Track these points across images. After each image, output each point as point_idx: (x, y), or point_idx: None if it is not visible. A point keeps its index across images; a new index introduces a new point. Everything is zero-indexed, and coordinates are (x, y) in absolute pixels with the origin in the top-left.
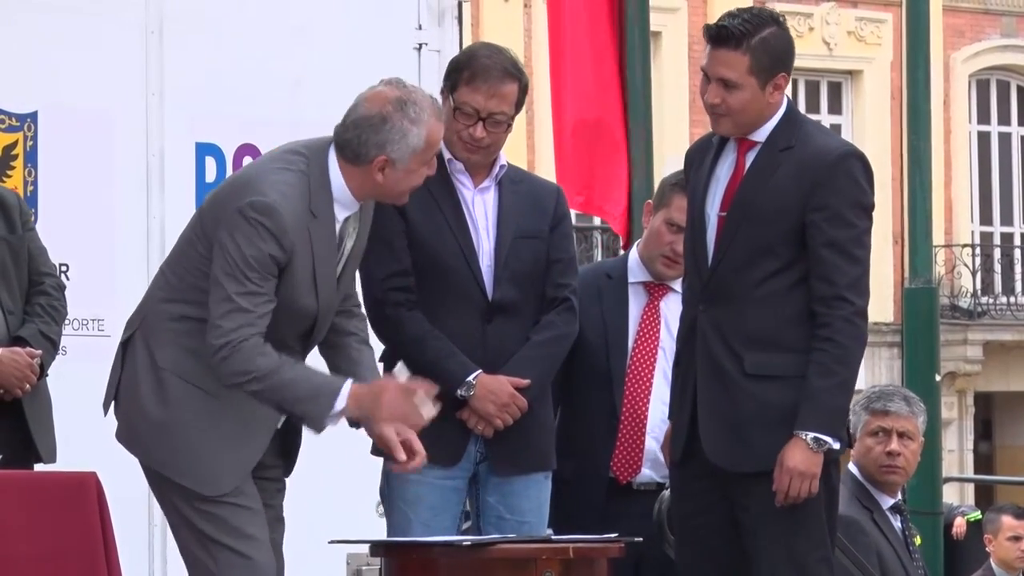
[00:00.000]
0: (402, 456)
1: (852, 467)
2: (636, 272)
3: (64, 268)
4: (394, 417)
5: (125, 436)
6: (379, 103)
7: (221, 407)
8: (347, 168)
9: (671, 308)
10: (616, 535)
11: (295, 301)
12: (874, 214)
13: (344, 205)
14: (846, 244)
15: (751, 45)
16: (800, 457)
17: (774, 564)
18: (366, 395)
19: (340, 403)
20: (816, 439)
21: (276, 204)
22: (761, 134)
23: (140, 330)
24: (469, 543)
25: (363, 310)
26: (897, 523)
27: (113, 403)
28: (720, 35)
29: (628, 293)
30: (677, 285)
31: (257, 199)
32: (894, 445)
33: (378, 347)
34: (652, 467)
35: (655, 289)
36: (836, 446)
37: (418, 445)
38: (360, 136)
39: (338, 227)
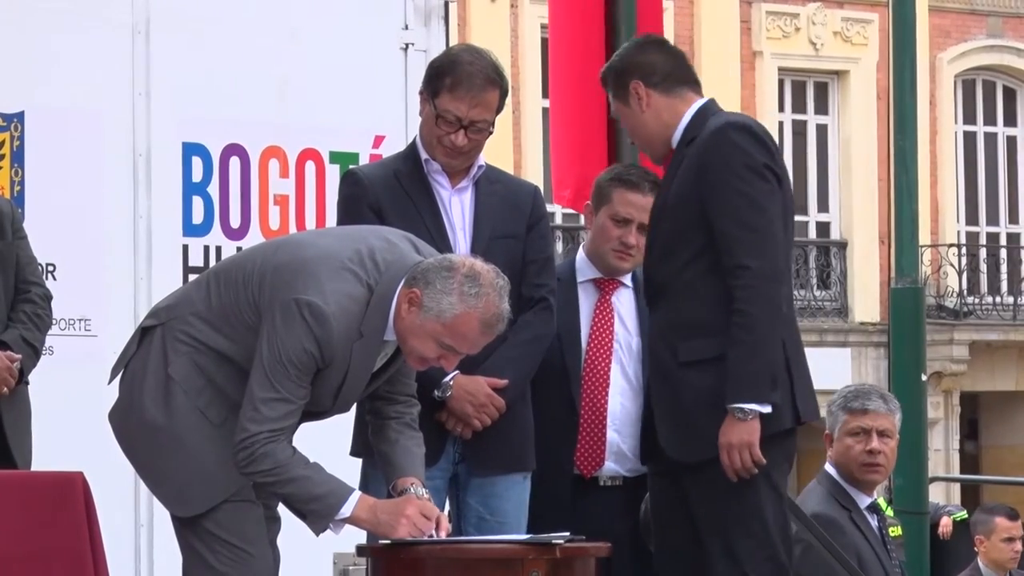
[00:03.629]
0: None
1: (829, 467)
2: (585, 271)
3: (51, 268)
4: (410, 533)
5: (116, 421)
6: (462, 260)
7: (217, 435)
8: (401, 292)
9: (624, 302)
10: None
11: (313, 398)
12: (860, 213)
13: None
14: (738, 212)
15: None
16: (730, 431)
17: (713, 558)
18: (384, 508)
19: (346, 511)
20: (739, 409)
21: (331, 317)
22: (674, 140)
23: (164, 327)
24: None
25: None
26: (874, 522)
27: (119, 377)
28: None
29: (578, 292)
30: (628, 280)
31: (316, 304)
32: (875, 443)
33: None
34: (615, 460)
35: (605, 284)
36: (765, 409)
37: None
38: (428, 269)
39: (384, 348)
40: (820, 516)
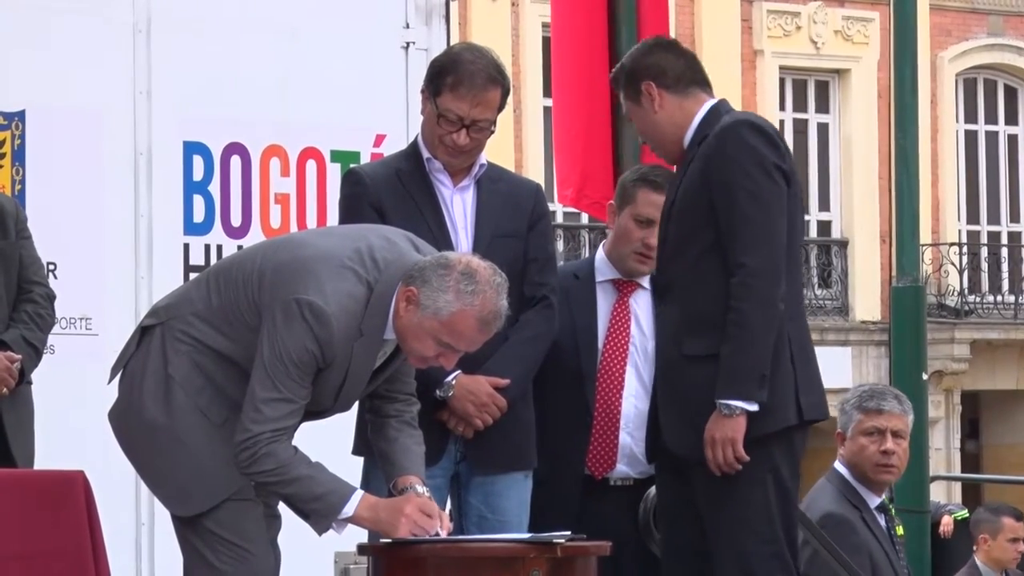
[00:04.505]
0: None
1: (840, 466)
2: (604, 271)
3: (52, 267)
4: (411, 532)
5: (116, 420)
6: (458, 258)
7: (217, 435)
8: (399, 290)
9: (641, 304)
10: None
11: (314, 398)
12: (861, 212)
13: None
14: (742, 209)
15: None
16: (715, 426)
17: (720, 556)
18: (384, 507)
19: (349, 510)
20: (726, 405)
21: (332, 316)
22: (686, 140)
23: (163, 327)
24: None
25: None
26: (883, 521)
27: (119, 376)
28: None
29: (596, 292)
30: (646, 282)
31: (316, 303)
32: (889, 444)
33: None
34: (627, 463)
35: (624, 286)
36: (751, 407)
37: (445, 520)
38: (424, 267)
39: (383, 347)
40: (833, 515)
